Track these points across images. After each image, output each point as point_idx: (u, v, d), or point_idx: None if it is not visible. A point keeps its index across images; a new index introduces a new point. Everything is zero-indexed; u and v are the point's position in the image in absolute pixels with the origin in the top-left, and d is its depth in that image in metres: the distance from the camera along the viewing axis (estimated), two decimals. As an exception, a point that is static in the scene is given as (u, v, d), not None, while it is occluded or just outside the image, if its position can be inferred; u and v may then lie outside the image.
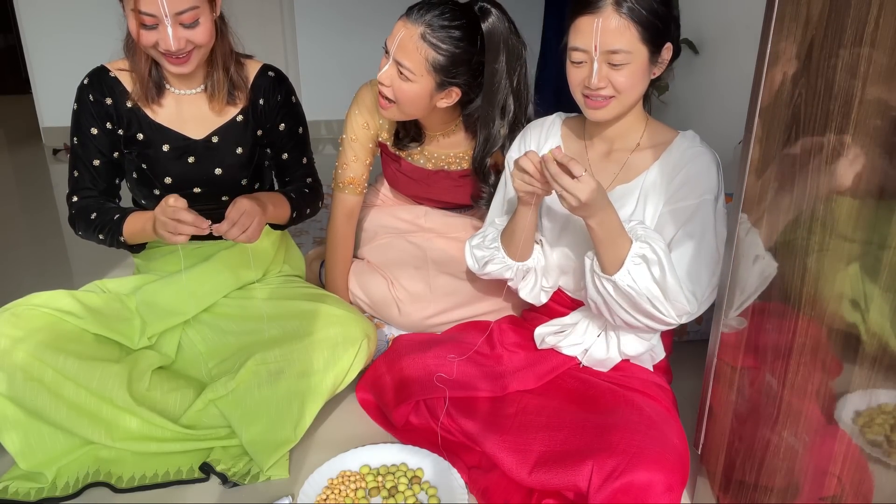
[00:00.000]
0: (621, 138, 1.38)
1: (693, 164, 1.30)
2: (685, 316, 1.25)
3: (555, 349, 1.44)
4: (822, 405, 0.91)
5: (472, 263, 1.51)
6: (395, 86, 1.48)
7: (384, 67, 1.48)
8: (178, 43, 1.32)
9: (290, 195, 1.56)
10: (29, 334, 1.31)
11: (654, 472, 1.11)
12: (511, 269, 1.44)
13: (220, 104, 1.48)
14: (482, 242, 1.47)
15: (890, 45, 0.74)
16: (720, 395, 1.20)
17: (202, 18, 1.33)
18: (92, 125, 1.45)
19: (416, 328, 1.71)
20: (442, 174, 1.73)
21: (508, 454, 1.24)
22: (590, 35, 1.22)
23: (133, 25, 1.32)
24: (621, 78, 1.24)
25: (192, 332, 1.56)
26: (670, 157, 1.32)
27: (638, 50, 1.22)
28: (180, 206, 1.27)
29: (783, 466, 1.01)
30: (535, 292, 1.47)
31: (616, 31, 1.20)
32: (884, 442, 0.81)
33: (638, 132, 1.37)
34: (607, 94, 1.26)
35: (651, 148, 1.35)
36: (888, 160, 0.76)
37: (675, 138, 1.34)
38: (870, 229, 0.81)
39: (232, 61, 1.47)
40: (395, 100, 1.50)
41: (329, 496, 1.29)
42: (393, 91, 1.49)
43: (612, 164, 1.38)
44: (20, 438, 1.33)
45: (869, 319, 0.82)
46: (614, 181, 1.37)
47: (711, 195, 1.28)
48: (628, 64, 1.22)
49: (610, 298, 1.26)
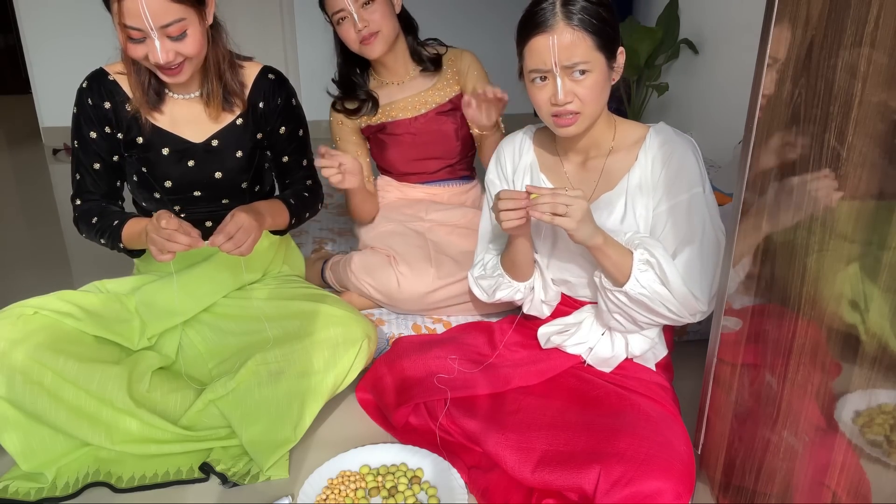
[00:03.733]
0: (595, 146, 1.39)
1: (674, 157, 1.31)
2: (699, 314, 1.29)
3: (559, 348, 1.44)
4: (822, 405, 0.91)
5: (480, 293, 1.54)
6: (370, 18, 1.68)
7: (353, 13, 1.67)
8: (166, 55, 1.30)
9: (290, 201, 1.56)
10: (27, 336, 1.31)
11: (663, 481, 1.11)
12: (520, 291, 1.47)
13: (216, 110, 1.47)
14: (484, 273, 1.51)
15: (890, 45, 0.74)
16: (720, 395, 1.20)
17: (190, 30, 1.31)
18: (91, 129, 1.45)
19: (417, 305, 1.75)
20: (422, 119, 1.88)
21: (510, 452, 1.24)
22: (547, 54, 1.23)
23: (122, 39, 1.31)
24: (585, 90, 1.25)
25: (192, 332, 1.56)
26: (648, 153, 1.34)
27: (595, 59, 1.24)
28: (173, 227, 1.27)
29: (783, 467, 1.01)
30: (538, 306, 1.49)
31: (572, 45, 1.22)
32: (884, 442, 0.81)
33: (609, 136, 1.38)
34: (574, 108, 1.27)
35: (625, 149, 1.37)
36: (888, 160, 0.76)
37: (647, 134, 1.36)
38: (869, 229, 0.81)
39: (227, 67, 1.45)
40: (378, 29, 1.70)
41: (329, 496, 1.29)
42: (370, 25, 1.68)
43: (591, 172, 1.40)
44: (20, 439, 1.33)
45: (868, 320, 0.82)
46: (596, 190, 1.38)
47: (699, 187, 1.30)
48: (590, 73, 1.24)
49: (627, 307, 1.30)
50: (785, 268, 0.97)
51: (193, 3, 1.30)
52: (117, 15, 1.27)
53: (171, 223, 1.27)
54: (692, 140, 1.35)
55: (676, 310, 1.27)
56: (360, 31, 1.69)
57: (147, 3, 1.24)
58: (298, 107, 1.59)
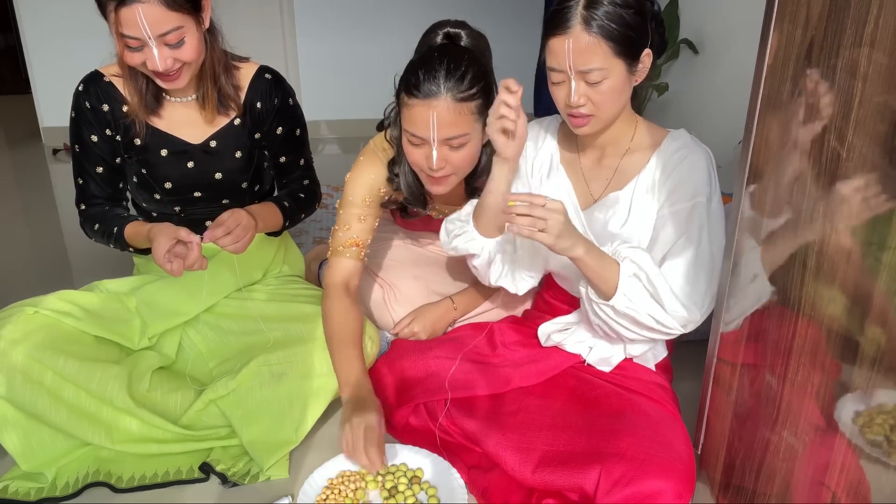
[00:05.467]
0: (612, 144, 1.38)
1: (682, 165, 1.29)
2: (690, 324, 1.25)
3: (558, 347, 1.44)
4: (822, 405, 0.91)
5: (444, 237, 1.45)
6: (449, 158, 1.36)
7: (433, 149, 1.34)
8: (164, 63, 1.30)
9: (284, 203, 1.56)
10: (27, 336, 1.31)
11: (664, 481, 1.11)
12: (476, 243, 1.38)
13: (211, 114, 1.47)
14: (457, 217, 1.43)
15: (890, 45, 0.74)
16: (719, 395, 1.20)
17: (188, 37, 1.30)
18: (91, 133, 1.45)
19: None
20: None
21: (511, 453, 1.24)
22: (563, 56, 1.21)
23: (119, 47, 1.30)
24: (600, 95, 1.23)
25: (193, 332, 1.56)
26: (660, 158, 1.32)
27: (613, 65, 1.21)
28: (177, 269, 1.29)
29: (783, 467, 1.01)
30: (508, 280, 1.42)
31: (587, 51, 1.20)
32: (884, 442, 0.81)
33: (628, 135, 1.36)
34: (587, 111, 1.25)
35: (641, 151, 1.35)
36: (888, 161, 0.76)
37: (665, 139, 1.34)
38: (870, 230, 0.81)
39: (221, 71, 1.45)
40: (453, 172, 1.39)
41: (329, 496, 1.29)
42: (447, 166, 1.37)
43: (605, 170, 1.39)
44: (20, 439, 1.33)
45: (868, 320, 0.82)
46: (607, 188, 1.37)
47: (704, 196, 1.27)
48: (606, 79, 1.22)
49: (612, 321, 1.27)
50: (785, 268, 0.97)
51: (190, 10, 1.30)
52: (114, 24, 1.26)
53: (175, 268, 1.29)
54: (708, 151, 1.32)
55: (665, 320, 1.23)
56: (435, 169, 1.37)
57: (145, 12, 1.23)
58: (296, 106, 1.58)
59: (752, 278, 1.08)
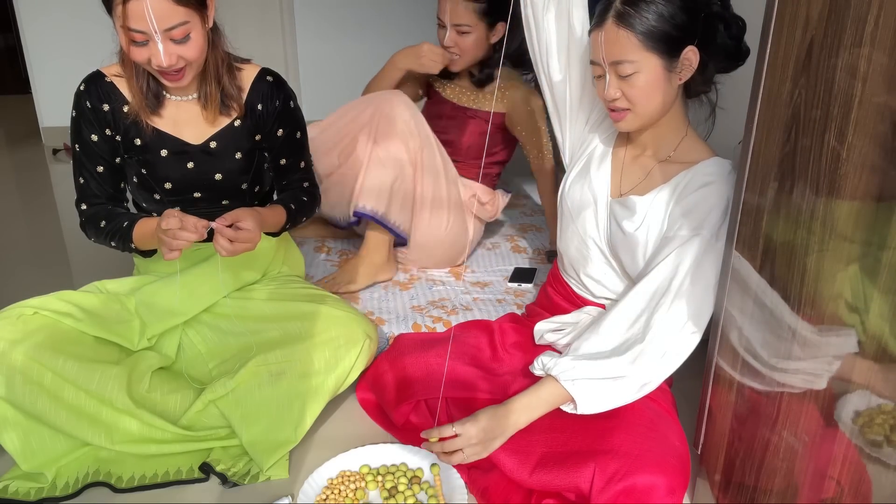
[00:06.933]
0: (653, 146, 1.36)
1: (700, 193, 1.26)
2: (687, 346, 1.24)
3: (552, 347, 1.44)
4: (822, 405, 0.91)
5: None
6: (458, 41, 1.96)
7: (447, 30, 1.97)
8: (169, 59, 1.30)
9: (290, 206, 1.57)
10: (26, 336, 1.31)
11: (657, 475, 1.11)
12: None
13: (213, 114, 1.47)
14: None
15: (890, 45, 0.74)
16: (720, 395, 1.20)
17: (193, 33, 1.31)
18: (92, 132, 1.45)
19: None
20: (462, 113, 2.10)
21: (509, 455, 1.24)
22: (598, 49, 1.24)
23: (124, 42, 1.30)
24: (634, 89, 1.24)
25: (192, 332, 1.56)
26: (685, 178, 1.29)
27: (645, 58, 1.21)
28: (175, 226, 1.27)
29: (783, 467, 1.01)
30: None
31: (616, 43, 1.21)
32: (884, 442, 0.81)
33: (672, 144, 1.34)
34: (622, 105, 1.26)
35: (679, 164, 1.33)
36: (888, 161, 0.76)
37: (702, 161, 1.30)
38: (869, 230, 0.81)
39: (224, 71, 1.45)
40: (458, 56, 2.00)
41: (329, 496, 1.29)
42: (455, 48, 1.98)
43: (639, 169, 1.38)
44: (20, 439, 1.33)
45: (868, 320, 0.82)
46: (633, 189, 1.36)
47: (709, 232, 1.23)
48: (638, 73, 1.22)
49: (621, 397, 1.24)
50: (785, 268, 0.97)
51: (197, 6, 1.31)
52: (120, 18, 1.26)
53: (170, 223, 1.27)
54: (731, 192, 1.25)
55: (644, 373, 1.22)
56: (448, 47, 1.97)
57: (153, 5, 1.24)
58: (297, 109, 1.59)
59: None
